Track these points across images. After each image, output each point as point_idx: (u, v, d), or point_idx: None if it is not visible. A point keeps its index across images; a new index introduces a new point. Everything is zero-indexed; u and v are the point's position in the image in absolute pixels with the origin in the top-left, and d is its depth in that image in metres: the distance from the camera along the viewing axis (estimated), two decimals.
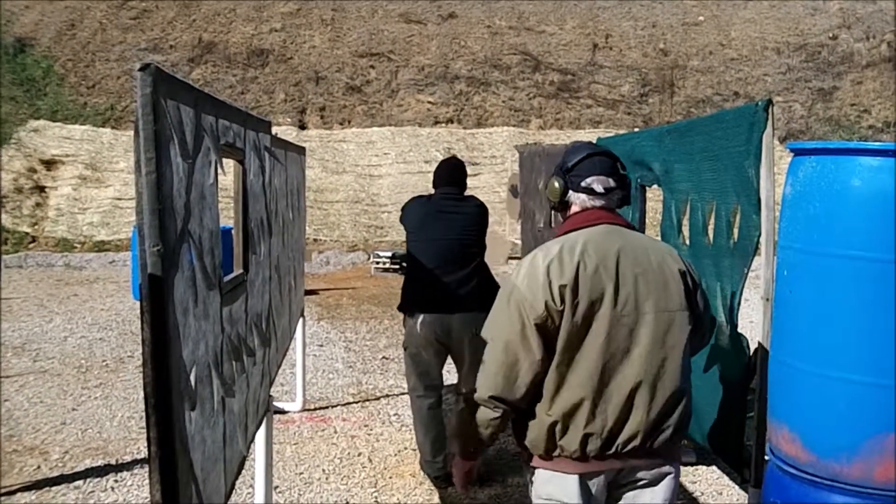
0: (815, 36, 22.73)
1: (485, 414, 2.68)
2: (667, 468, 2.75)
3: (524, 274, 2.66)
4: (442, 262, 5.06)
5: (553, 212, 3.81)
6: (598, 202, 2.78)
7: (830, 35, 22.65)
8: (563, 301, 2.57)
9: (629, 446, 2.64)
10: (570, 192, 2.81)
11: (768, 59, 22.08)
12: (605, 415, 2.62)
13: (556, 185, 2.84)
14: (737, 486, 5.05)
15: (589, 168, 2.80)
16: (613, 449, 2.64)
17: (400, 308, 5.34)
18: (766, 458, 3.15)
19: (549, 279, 2.59)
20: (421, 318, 5.05)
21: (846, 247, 2.78)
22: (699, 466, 5.63)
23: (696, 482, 5.43)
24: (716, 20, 23.35)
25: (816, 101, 20.51)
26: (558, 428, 2.63)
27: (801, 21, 23.32)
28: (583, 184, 2.78)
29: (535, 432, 2.67)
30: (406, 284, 5.29)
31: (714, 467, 5.57)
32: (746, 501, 3.62)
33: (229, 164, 2.66)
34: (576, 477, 2.67)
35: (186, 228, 1.76)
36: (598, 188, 2.77)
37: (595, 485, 2.70)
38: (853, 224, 2.77)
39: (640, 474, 2.72)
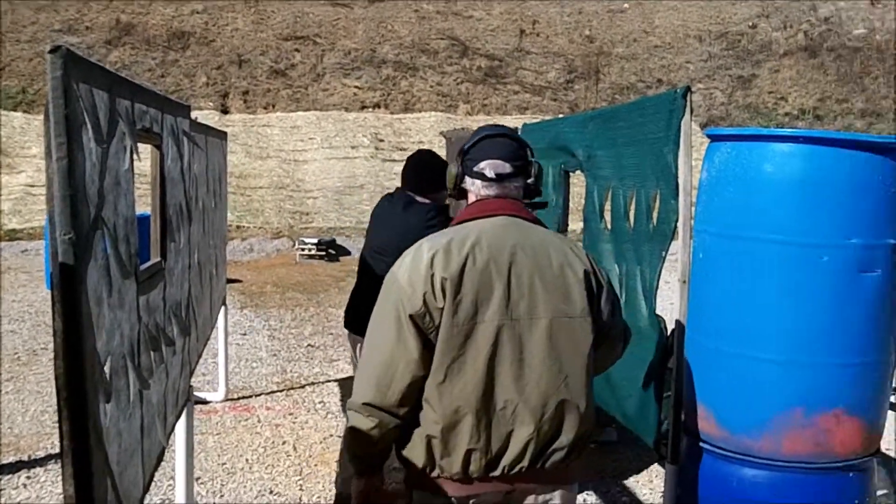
0: (736, 25, 23.17)
1: (360, 424, 2.33)
2: (558, 494, 2.44)
3: (407, 264, 2.34)
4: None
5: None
6: (493, 190, 2.46)
7: (750, 24, 23.12)
8: (444, 296, 2.26)
9: (517, 467, 2.34)
10: (466, 177, 2.51)
11: (690, 46, 22.44)
12: (489, 431, 2.30)
13: (453, 170, 2.56)
14: (656, 464, 5.17)
15: (484, 151, 2.49)
16: (499, 470, 2.33)
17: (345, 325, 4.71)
18: (683, 434, 3.23)
19: (431, 271, 2.28)
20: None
21: (759, 230, 2.86)
22: (619, 445, 5.75)
23: (616, 461, 5.53)
24: (640, 8, 23.65)
25: (736, 89, 20.92)
26: (436, 444, 2.31)
27: (723, 10, 23.76)
28: (475, 168, 2.47)
29: (414, 448, 2.35)
30: (350, 298, 4.65)
31: (634, 446, 5.69)
32: (665, 477, 3.71)
33: (146, 149, 2.63)
34: (453, 500, 2.36)
35: (100, 216, 1.73)
36: (490, 173, 2.45)
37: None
38: (766, 208, 2.86)
39: (529, 499, 2.42)
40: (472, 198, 2.51)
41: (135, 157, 2.10)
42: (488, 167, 2.46)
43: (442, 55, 20.87)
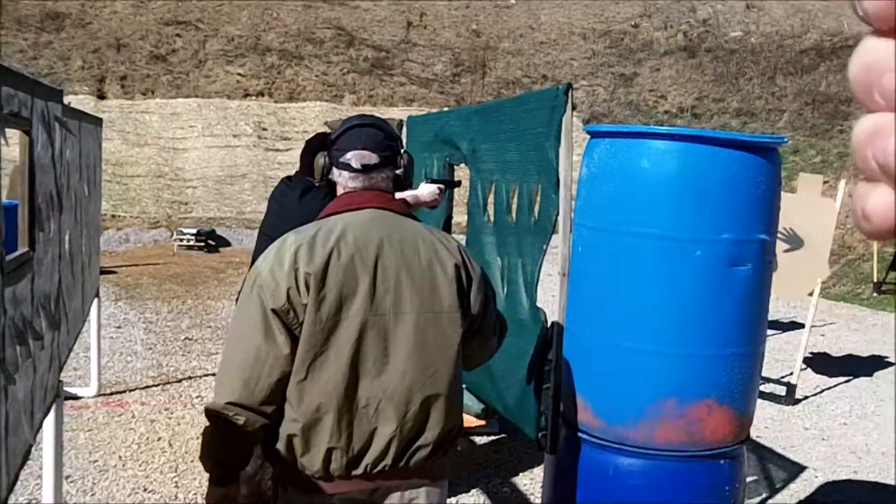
0: (619, 24, 23.69)
1: (224, 425, 2.22)
2: (424, 491, 2.39)
3: (271, 258, 2.27)
4: None
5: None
6: (360, 181, 2.40)
7: (632, 23, 23.67)
8: (307, 292, 2.21)
9: (379, 466, 2.29)
10: (333, 168, 2.43)
11: (575, 44, 22.84)
12: (351, 429, 2.26)
13: (320, 161, 2.46)
14: (537, 454, 5.26)
15: (350, 141, 2.41)
16: (361, 468, 2.28)
17: None
18: (561, 425, 3.29)
19: (295, 265, 2.22)
20: None
21: (636, 225, 2.92)
22: (501, 435, 5.82)
23: (498, 452, 5.61)
24: (526, 4, 23.93)
25: (618, 86, 21.39)
26: (298, 442, 2.26)
27: (606, 9, 24.25)
28: (342, 159, 2.40)
29: (278, 446, 2.29)
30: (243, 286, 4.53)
31: (516, 437, 5.77)
32: (544, 468, 3.77)
33: (15, 135, 2.52)
34: (319, 501, 2.31)
35: None
36: (356, 164, 2.38)
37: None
38: (642, 204, 2.92)
39: (393, 497, 2.36)
40: (339, 190, 2.45)
41: (1, 142, 2.00)
42: (354, 158, 2.40)
43: (328, 45, 20.68)
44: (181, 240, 14.68)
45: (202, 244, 14.71)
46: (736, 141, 2.91)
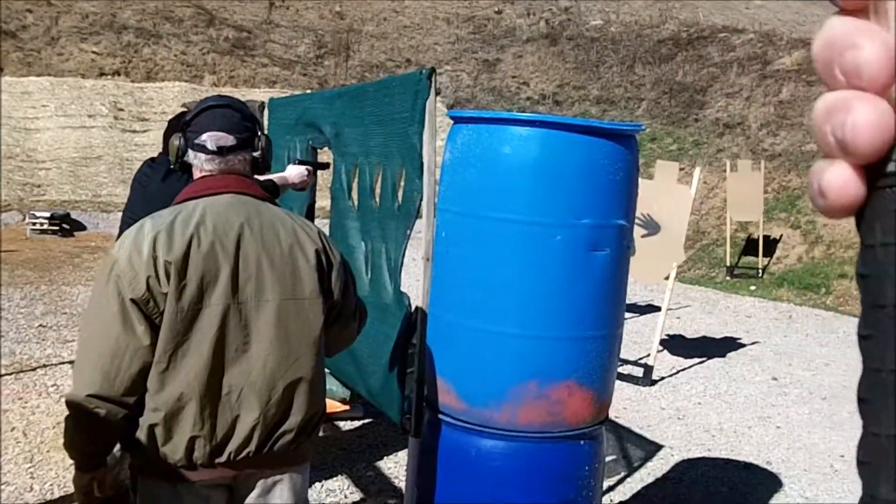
0: (482, 9, 23.92)
1: (84, 417, 2.18)
2: (287, 476, 2.41)
3: (128, 245, 2.18)
4: None
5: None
6: (216, 164, 2.34)
7: (496, 10, 23.94)
8: (168, 280, 2.15)
9: (243, 453, 2.28)
10: (189, 150, 2.37)
11: (439, 28, 22.94)
12: (214, 417, 2.23)
13: (175, 142, 2.39)
14: (401, 438, 5.29)
15: (205, 123, 2.36)
16: (224, 456, 2.26)
17: None
18: (426, 409, 3.31)
19: (154, 254, 2.15)
20: None
21: (498, 210, 2.96)
22: (366, 420, 5.83)
23: (363, 436, 5.60)
24: None
25: (482, 72, 21.60)
26: (160, 431, 2.21)
27: None
28: (197, 141, 2.34)
29: (139, 435, 2.23)
30: None
31: (379, 421, 5.78)
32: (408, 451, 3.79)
33: None
34: (170, 487, 2.28)
35: None
36: (211, 146, 2.33)
37: (207, 498, 2.32)
38: (504, 189, 2.96)
39: (256, 482, 2.37)
40: (196, 172, 2.39)
41: None
42: (210, 140, 2.34)
43: (187, 23, 20.14)
44: (34, 224, 14.09)
45: (56, 228, 14.17)
46: (594, 128, 2.98)
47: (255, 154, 2.42)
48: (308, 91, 15.87)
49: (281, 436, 2.32)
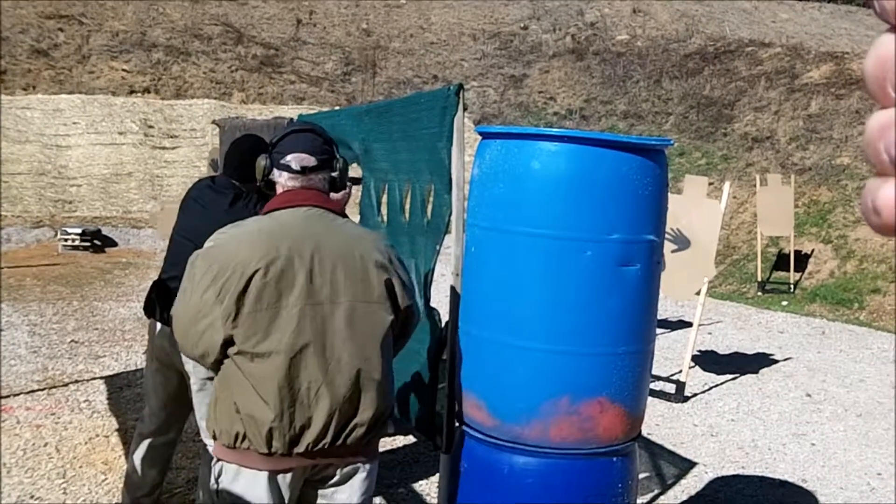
0: (508, 25, 23.96)
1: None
2: (360, 465, 2.64)
3: (221, 246, 2.49)
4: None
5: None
6: (299, 181, 2.63)
7: (522, 25, 23.97)
8: (252, 283, 2.42)
9: (320, 444, 2.50)
10: (274, 169, 2.67)
11: (465, 44, 22.99)
12: (293, 410, 2.46)
13: (262, 162, 2.70)
14: (432, 454, 5.26)
15: (290, 145, 2.66)
16: (302, 447, 2.49)
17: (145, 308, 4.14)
18: (457, 425, 3.29)
19: (240, 258, 2.43)
20: (158, 326, 4.00)
21: (527, 225, 2.95)
22: (397, 436, 5.81)
23: (394, 452, 5.59)
24: (416, 4, 23.99)
25: (508, 88, 21.61)
26: (245, 416, 2.45)
27: (496, 10, 24.50)
28: (282, 161, 2.64)
29: (222, 422, 2.50)
30: (154, 286, 4.05)
31: (410, 437, 5.76)
32: (440, 468, 3.78)
33: None
34: (265, 474, 2.50)
35: None
36: (295, 166, 2.62)
37: (284, 482, 2.54)
38: (533, 204, 2.95)
39: (332, 471, 2.62)
40: (279, 189, 2.68)
41: None
42: (294, 160, 2.63)
43: (216, 41, 20.31)
44: (66, 239, 14.25)
45: (87, 244, 14.31)
46: (623, 143, 2.96)
47: (333, 174, 2.74)
48: (336, 108, 15.95)
49: (353, 429, 2.55)
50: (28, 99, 17.15)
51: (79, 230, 14.40)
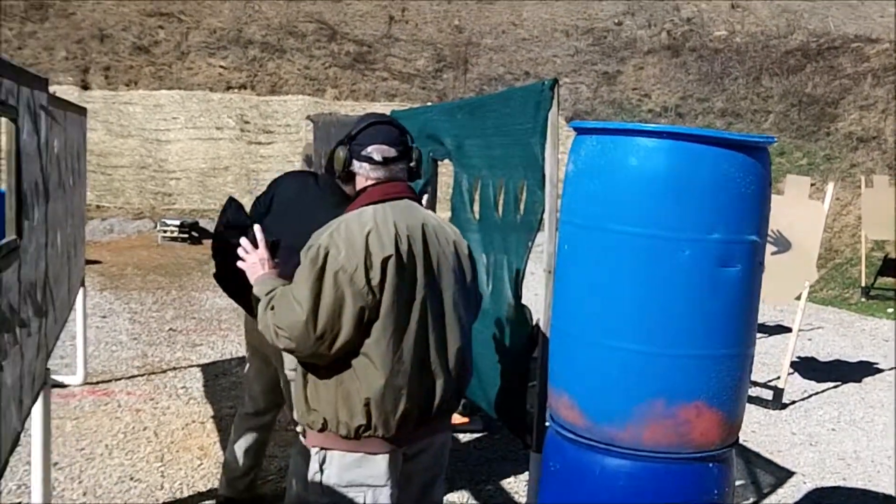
0: (602, 21, 23.68)
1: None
2: (449, 435, 2.96)
3: (341, 242, 2.55)
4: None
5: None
6: (380, 172, 2.74)
7: (616, 21, 23.67)
8: (383, 275, 2.53)
9: (430, 420, 2.74)
10: (354, 160, 2.76)
11: (558, 40, 22.81)
12: (421, 390, 2.65)
13: (341, 154, 2.78)
14: (521, 452, 5.22)
15: (371, 137, 2.75)
16: (423, 424, 2.72)
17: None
18: (547, 424, 3.25)
19: (368, 251, 2.53)
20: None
21: (623, 223, 2.88)
22: (486, 434, 5.79)
23: (482, 449, 5.57)
24: (508, 0, 23.89)
25: (601, 84, 21.38)
26: (374, 406, 2.57)
27: (589, 6, 24.24)
28: (363, 152, 2.74)
29: (344, 410, 2.59)
30: None
31: (499, 434, 5.73)
32: (529, 466, 3.74)
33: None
34: (386, 456, 2.65)
35: None
36: (377, 157, 2.73)
37: (398, 459, 2.72)
38: (629, 201, 2.88)
39: (426, 442, 2.83)
40: (360, 180, 2.78)
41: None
42: (375, 151, 2.73)
43: (310, 38, 20.58)
44: (165, 231, 14.64)
45: (186, 235, 14.67)
46: (726, 139, 2.87)
47: (411, 164, 2.84)
48: (428, 104, 16.01)
49: (452, 403, 2.83)
50: (130, 94, 17.66)
51: (177, 222, 14.77)
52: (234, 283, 3.41)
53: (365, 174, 2.75)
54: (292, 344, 2.57)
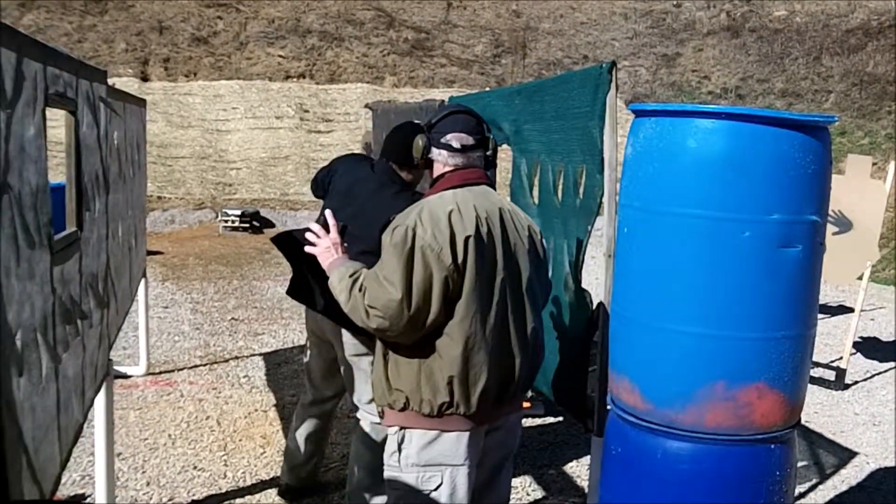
0: (661, 3, 23.37)
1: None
2: (520, 412, 3.05)
3: (426, 221, 2.64)
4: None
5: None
6: (458, 159, 2.85)
7: (675, 3, 23.34)
8: (465, 253, 2.62)
9: (510, 398, 2.85)
10: (433, 148, 2.86)
11: (616, 24, 22.58)
12: (500, 369, 2.74)
13: (420, 142, 2.89)
14: (582, 437, 5.23)
15: (450, 125, 2.86)
16: (501, 402, 2.81)
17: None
18: (608, 408, 3.26)
19: (452, 230, 2.63)
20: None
21: (682, 205, 2.87)
22: (547, 418, 5.80)
23: (543, 433, 5.58)
24: None
25: (661, 67, 21.13)
26: (456, 384, 2.66)
27: None
28: (442, 140, 2.85)
29: (427, 388, 2.67)
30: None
31: (560, 419, 5.74)
32: (590, 450, 3.75)
33: (60, 115, 2.54)
34: (467, 434, 2.73)
35: (6, 182, 1.65)
36: (456, 144, 2.84)
37: (480, 436, 2.81)
38: (689, 183, 2.86)
39: (504, 419, 2.93)
40: (438, 167, 2.89)
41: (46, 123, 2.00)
42: (454, 139, 2.85)
43: (368, 26, 20.65)
44: (226, 221, 14.81)
45: (247, 225, 14.83)
46: (785, 120, 2.84)
47: (488, 153, 2.95)
48: (487, 89, 15.97)
49: (531, 376, 2.94)
50: (190, 85, 17.92)
51: (238, 212, 14.94)
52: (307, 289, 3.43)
53: (443, 161, 2.87)
54: (385, 322, 2.63)
